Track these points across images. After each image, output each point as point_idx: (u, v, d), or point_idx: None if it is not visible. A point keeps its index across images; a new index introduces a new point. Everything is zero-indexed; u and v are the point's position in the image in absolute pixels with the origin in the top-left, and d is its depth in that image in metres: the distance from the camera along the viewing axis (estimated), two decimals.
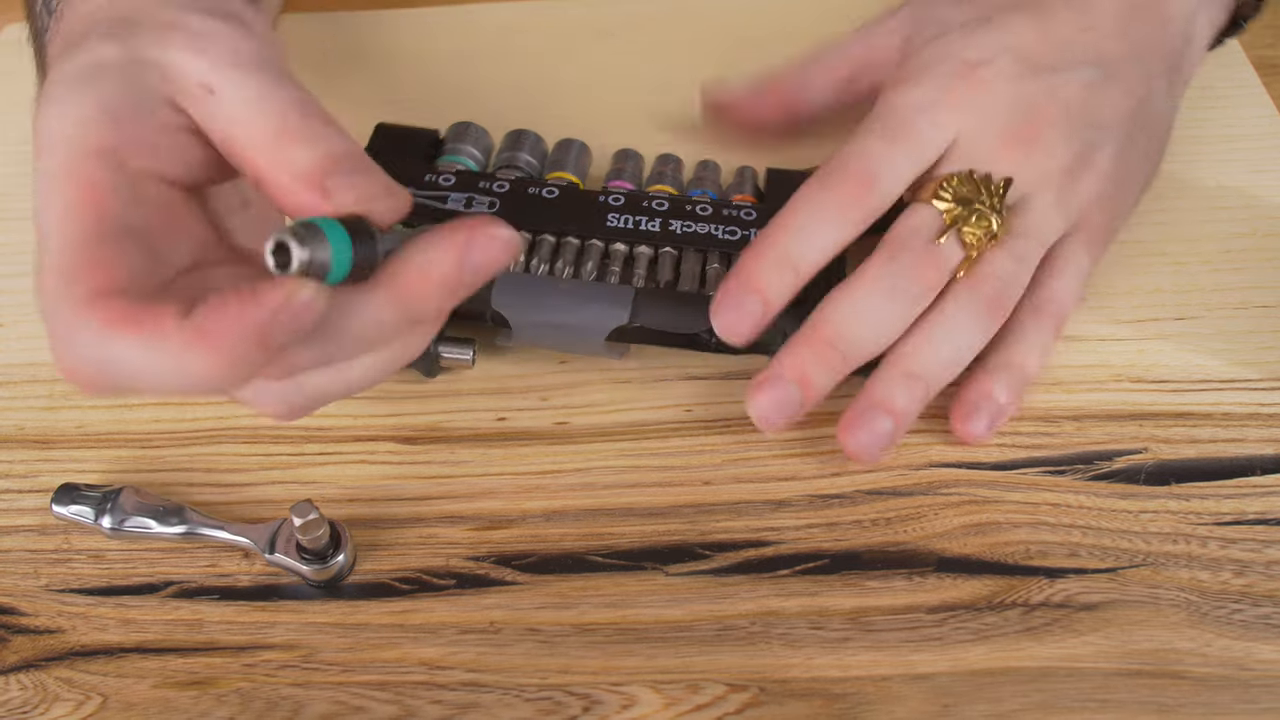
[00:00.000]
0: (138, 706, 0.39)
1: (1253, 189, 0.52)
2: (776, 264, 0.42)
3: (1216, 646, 0.39)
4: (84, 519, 0.42)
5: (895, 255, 0.42)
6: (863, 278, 0.42)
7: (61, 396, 0.47)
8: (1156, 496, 0.42)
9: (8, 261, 0.51)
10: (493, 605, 0.41)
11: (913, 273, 0.42)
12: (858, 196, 0.42)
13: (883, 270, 0.42)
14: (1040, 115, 0.43)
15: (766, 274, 0.42)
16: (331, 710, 0.38)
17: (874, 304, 0.41)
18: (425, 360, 0.43)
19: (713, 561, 0.41)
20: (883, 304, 0.41)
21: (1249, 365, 0.46)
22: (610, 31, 0.60)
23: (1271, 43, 0.58)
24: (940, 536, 0.42)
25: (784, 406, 0.41)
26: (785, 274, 0.42)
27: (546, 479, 0.44)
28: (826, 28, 0.59)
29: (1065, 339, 0.47)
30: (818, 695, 0.38)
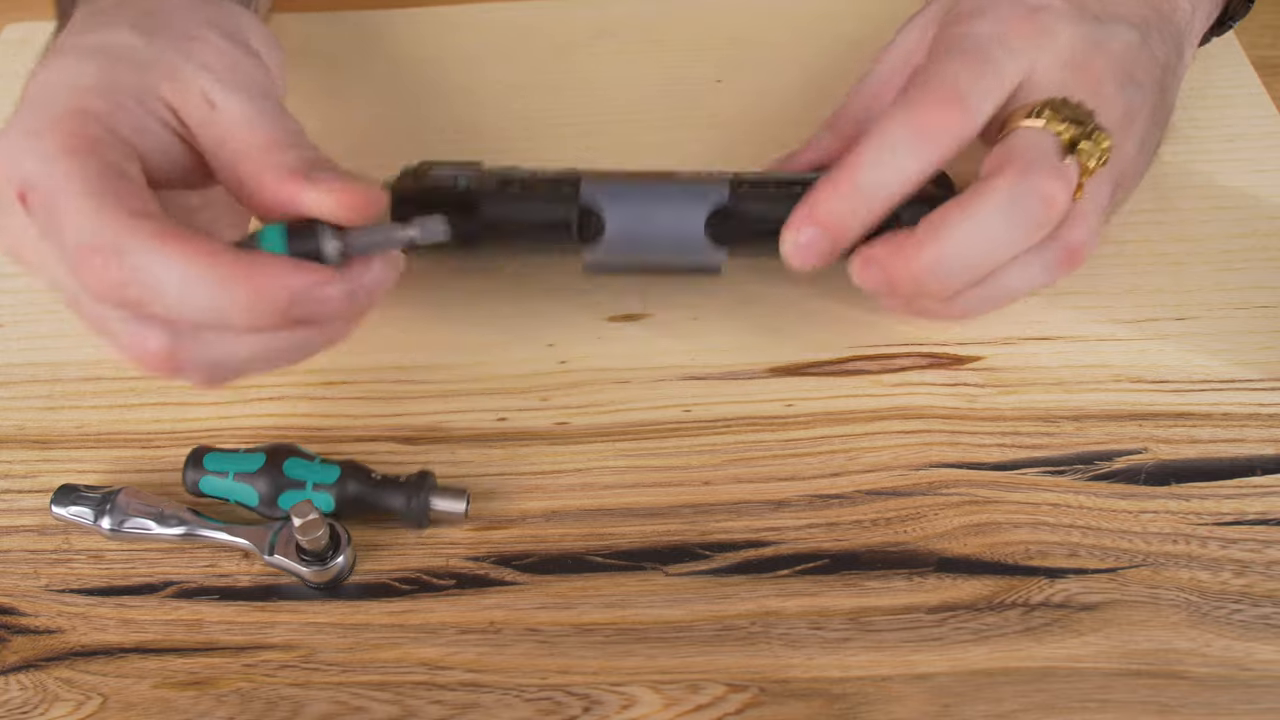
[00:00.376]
0: (138, 706, 0.39)
1: (1253, 189, 0.51)
2: (848, 195, 0.39)
3: (1216, 646, 0.39)
4: (83, 520, 0.42)
5: (1023, 179, 0.38)
6: (983, 198, 0.38)
7: (61, 396, 0.47)
8: (1156, 496, 0.42)
9: (8, 261, 0.51)
10: (493, 605, 0.41)
11: (1044, 197, 0.38)
12: (945, 119, 0.39)
13: (1009, 193, 0.38)
14: (1096, 63, 0.41)
15: (836, 205, 0.39)
16: (331, 710, 0.38)
17: (993, 230, 0.38)
18: (417, 513, 0.41)
19: (712, 561, 0.41)
20: (1002, 230, 0.38)
21: (1249, 365, 0.46)
22: (610, 31, 0.60)
23: (1271, 43, 0.58)
24: (940, 537, 0.42)
25: (872, 290, 0.40)
26: (857, 206, 0.39)
27: (546, 479, 0.44)
28: (827, 27, 0.59)
29: (1065, 339, 0.47)
30: (818, 695, 0.38)
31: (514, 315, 0.49)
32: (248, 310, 0.35)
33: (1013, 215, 0.38)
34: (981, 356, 0.46)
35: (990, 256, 0.39)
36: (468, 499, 0.42)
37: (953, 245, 0.38)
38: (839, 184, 0.40)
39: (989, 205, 0.38)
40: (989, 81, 0.40)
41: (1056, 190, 0.38)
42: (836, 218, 0.40)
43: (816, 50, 0.58)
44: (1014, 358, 0.46)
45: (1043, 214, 0.38)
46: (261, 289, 0.34)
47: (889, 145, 0.39)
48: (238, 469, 0.41)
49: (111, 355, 0.39)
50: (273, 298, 0.35)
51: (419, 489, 0.41)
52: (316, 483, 0.41)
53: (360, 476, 0.42)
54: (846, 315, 0.48)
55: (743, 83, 0.57)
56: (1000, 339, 0.47)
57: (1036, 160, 0.39)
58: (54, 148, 0.35)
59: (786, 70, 0.57)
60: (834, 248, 0.40)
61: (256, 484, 0.41)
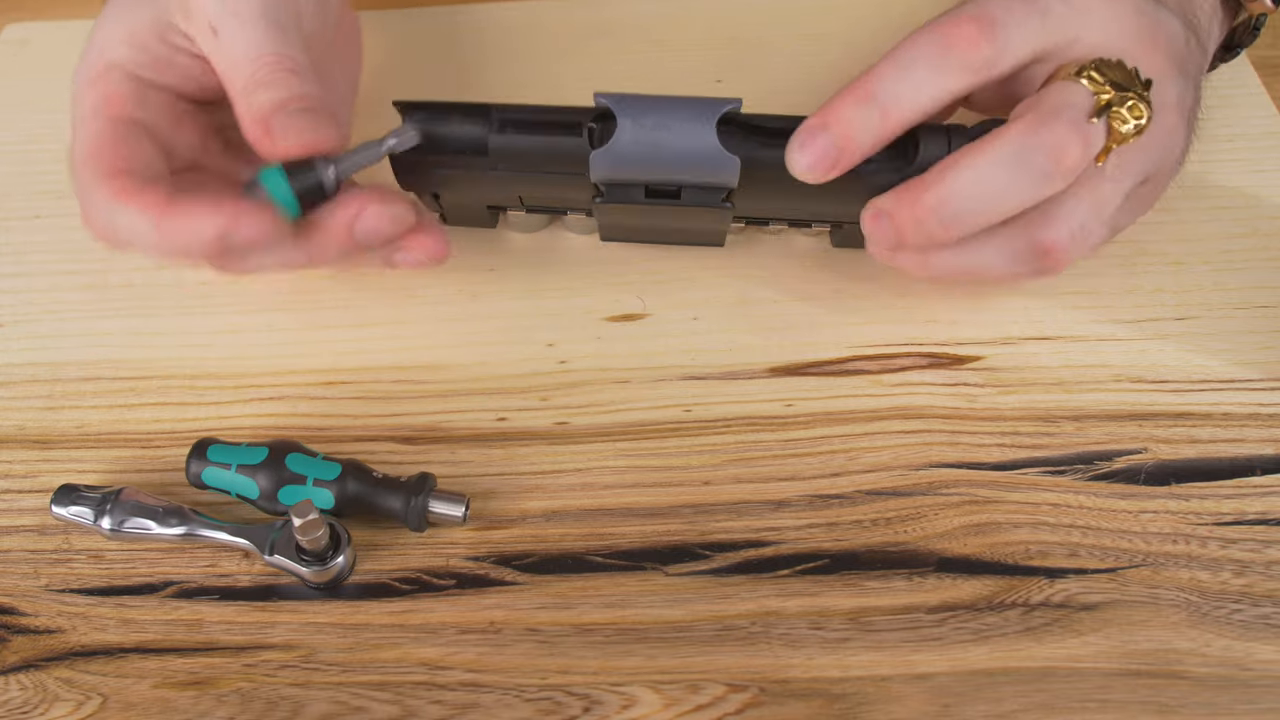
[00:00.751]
0: (138, 706, 0.39)
1: (1253, 189, 0.51)
2: (862, 101, 0.38)
3: (1216, 646, 0.39)
4: (83, 520, 0.42)
5: (1039, 127, 0.38)
6: (993, 143, 0.38)
7: (61, 396, 0.47)
8: (1156, 496, 0.42)
9: (8, 261, 0.51)
10: (493, 605, 0.41)
11: (1055, 149, 0.37)
12: (972, 39, 0.38)
13: (1020, 140, 0.37)
14: (1160, 42, 0.40)
15: (850, 111, 0.38)
16: (331, 710, 0.38)
17: (997, 175, 0.38)
18: (416, 516, 0.42)
19: (712, 561, 0.41)
20: (1007, 177, 0.38)
21: (1249, 365, 0.46)
22: (610, 31, 0.60)
23: (1271, 43, 0.58)
24: (940, 537, 0.42)
25: (878, 240, 0.40)
26: (870, 113, 0.38)
27: (547, 479, 0.44)
28: (827, 27, 0.59)
29: (1065, 339, 0.47)
30: (818, 695, 0.38)
31: (514, 315, 0.49)
32: (185, 246, 0.40)
33: (1019, 162, 0.37)
34: (981, 356, 0.46)
35: (996, 202, 0.38)
36: (467, 504, 0.42)
37: (959, 186, 0.38)
38: (855, 90, 0.39)
39: (999, 149, 0.38)
40: (1032, 22, 0.39)
41: (1071, 143, 0.37)
42: (846, 123, 0.39)
43: (817, 50, 0.58)
44: (1014, 358, 0.46)
45: (1050, 165, 0.38)
46: (186, 227, 0.39)
47: (909, 58, 0.38)
48: (240, 461, 0.42)
49: None
50: (200, 230, 0.39)
51: (418, 491, 0.41)
52: (317, 479, 0.41)
53: (361, 475, 0.42)
54: (846, 315, 0.48)
55: (743, 83, 0.57)
56: (1000, 339, 0.47)
57: (1058, 111, 0.38)
58: (88, 108, 0.42)
59: (786, 70, 0.57)
60: (840, 156, 0.39)
61: (258, 477, 0.41)
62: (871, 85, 0.38)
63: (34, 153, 0.56)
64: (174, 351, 0.48)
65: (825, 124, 0.39)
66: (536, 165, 0.43)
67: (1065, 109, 0.38)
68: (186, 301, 0.49)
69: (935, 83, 0.38)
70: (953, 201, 0.38)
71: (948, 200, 0.38)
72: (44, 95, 0.58)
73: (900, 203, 0.39)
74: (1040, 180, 0.38)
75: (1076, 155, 0.38)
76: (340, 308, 0.49)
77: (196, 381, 0.47)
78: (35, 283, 0.50)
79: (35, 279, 0.51)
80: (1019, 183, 0.38)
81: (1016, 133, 0.38)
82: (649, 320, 0.48)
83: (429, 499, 0.42)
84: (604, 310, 0.49)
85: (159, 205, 0.40)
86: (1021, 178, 0.38)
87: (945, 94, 0.39)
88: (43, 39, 0.62)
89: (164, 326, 0.49)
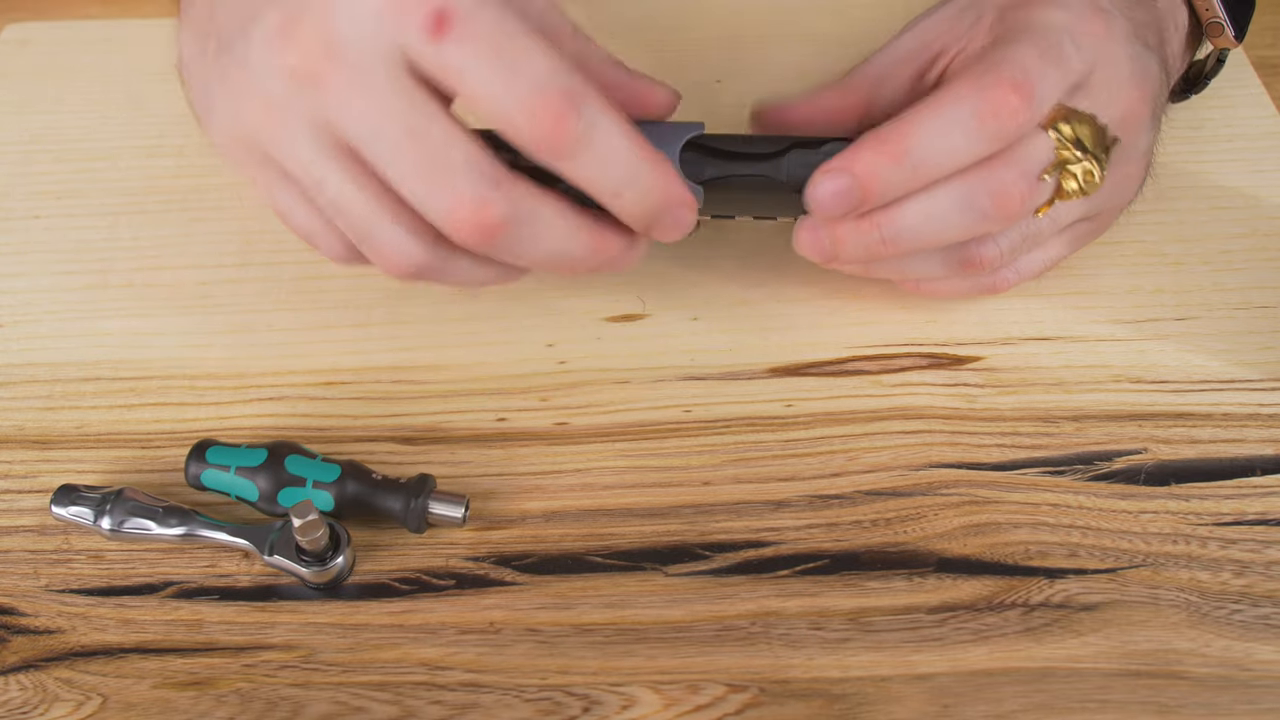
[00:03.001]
0: (138, 707, 0.39)
1: (1253, 189, 0.52)
2: (895, 159, 0.38)
3: (1216, 647, 0.39)
4: (83, 520, 0.42)
5: (992, 170, 0.39)
6: (954, 180, 0.39)
7: (61, 397, 0.47)
8: (1156, 497, 0.42)
9: (8, 261, 0.51)
10: (493, 605, 0.41)
11: (1000, 195, 0.39)
12: (1013, 107, 0.38)
13: (972, 180, 0.39)
14: (1146, 87, 0.41)
15: (880, 166, 0.38)
16: (331, 710, 0.38)
17: (945, 209, 0.40)
18: (415, 517, 0.41)
19: (712, 562, 0.41)
20: (954, 213, 0.40)
21: (1249, 365, 0.46)
22: (610, 31, 0.60)
23: (1271, 43, 0.58)
24: (940, 537, 0.42)
25: (812, 252, 0.42)
26: (901, 172, 0.38)
27: (546, 479, 0.44)
28: (826, 28, 0.59)
29: (1065, 339, 0.47)
30: (818, 695, 0.38)
31: (513, 315, 0.49)
32: (644, 200, 0.37)
33: (966, 200, 0.39)
34: (981, 356, 0.46)
35: (937, 234, 0.41)
36: (466, 505, 0.42)
37: (907, 211, 0.40)
38: (888, 144, 0.39)
39: (951, 185, 0.39)
40: (1058, 73, 0.39)
41: (1015, 193, 0.40)
42: (875, 176, 0.39)
43: (816, 50, 0.58)
44: (1014, 358, 0.46)
45: (992, 209, 0.40)
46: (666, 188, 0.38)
47: (949, 120, 0.38)
48: (240, 463, 0.42)
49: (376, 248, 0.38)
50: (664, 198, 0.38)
51: (418, 493, 0.41)
52: (317, 480, 0.41)
53: (361, 477, 0.42)
54: (846, 315, 0.48)
55: (743, 83, 0.57)
56: (1000, 339, 0.47)
57: (1015, 160, 0.40)
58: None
59: (786, 70, 0.57)
60: (862, 203, 0.39)
61: (257, 479, 0.41)
62: (907, 145, 0.38)
63: (34, 153, 0.56)
64: (174, 351, 0.48)
65: (854, 170, 0.39)
66: None
67: (1022, 159, 0.40)
68: (186, 301, 0.49)
69: (970, 150, 0.39)
70: (897, 222, 0.40)
71: (894, 220, 0.40)
72: (44, 95, 0.58)
73: (857, 154, 0.39)
74: (979, 220, 0.40)
75: (1017, 207, 0.40)
76: (340, 308, 0.49)
77: (196, 382, 0.47)
78: (35, 283, 0.50)
79: (35, 279, 0.51)
80: (962, 219, 0.40)
81: (971, 172, 0.39)
82: (649, 320, 0.48)
83: (429, 500, 0.42)
84: (604, 310, 0.49)
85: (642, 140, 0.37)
86: (966, 215, 0.40)
87: (977, 158, 0.39)
88: (43, 39, 0.62)
89: (164, 326, 0.49)
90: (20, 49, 0.61)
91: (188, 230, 0.52)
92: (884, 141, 0.39)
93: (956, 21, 0.43)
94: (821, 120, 0.44)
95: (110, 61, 0.60)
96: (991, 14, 0.42)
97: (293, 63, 0.35)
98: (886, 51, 0.45)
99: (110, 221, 0.53)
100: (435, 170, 0.35)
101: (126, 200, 0.53)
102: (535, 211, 0.37)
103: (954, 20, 0.44)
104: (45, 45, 0.61)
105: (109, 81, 0.59)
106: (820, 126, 0.43)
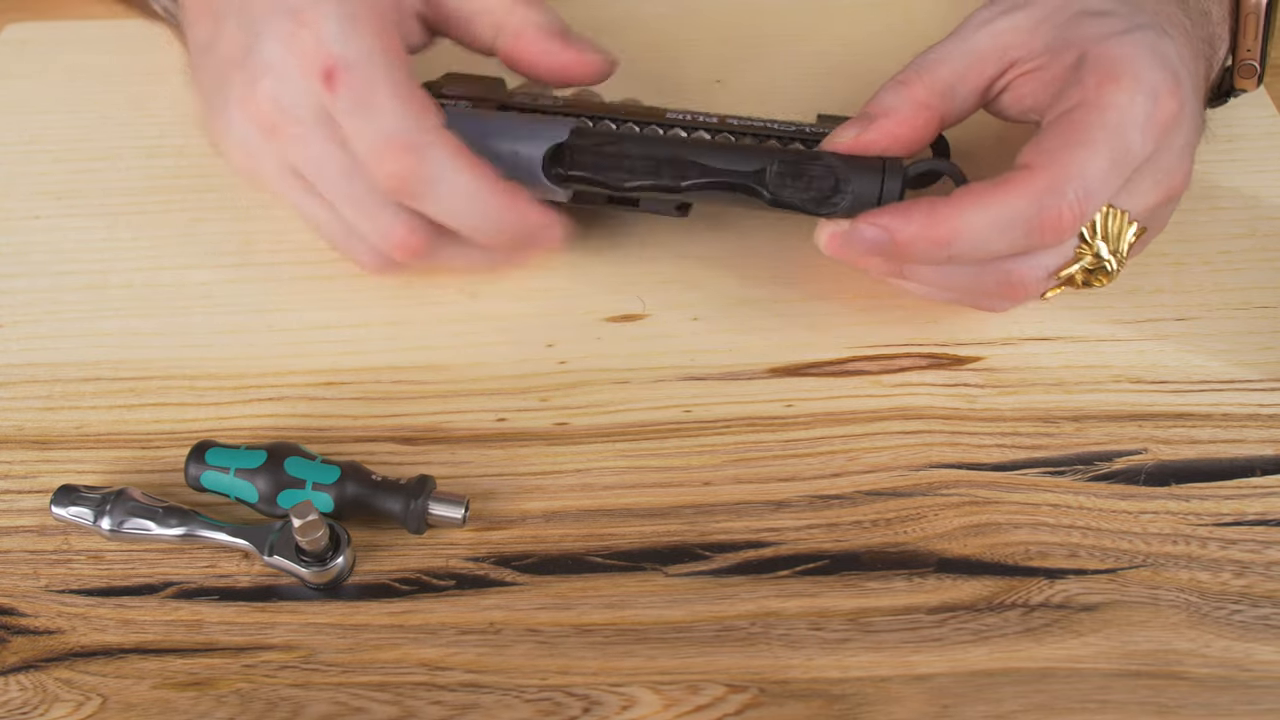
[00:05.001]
0: (137, 707, 0.39)
1: (1253, 189, 0.52)
2: (939, 243, 0.40)
3: (1216, 647, 0.39)
4: (83, 520, 0.42)
5: (1017, 264, 0.41)
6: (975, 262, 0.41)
7: (60, 397, 0.47)
8: (1156, 497, 0.42)
9: (8, 261, 0.51)
10: (492, 606, 0.41)
11: (1010, 286, 0.42)
12: (1065, 225, 0.40)
13: (993, 267, 0.41)
14: (1179, 176, 0.42)
15: (921, 243, 0.40)
16: (331, 711, 0.38)
17: (954, 278, 0.42)
18: (415, 518, 0.41)
19: (712, 562, 0.41)
20: (960, 279, 0.42)
21: (1249, 366, 0.46)
22: (610, 31, 0.60)
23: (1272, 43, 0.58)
24: (940, 537, 0.42)
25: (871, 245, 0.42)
26: (939, 254, 0.40)
27: (546, 479, 0.44)
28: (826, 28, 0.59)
29: (1065, 339, 0.47)
30: (818, 696, 0.38)
31: (513, 315, 0.49)
32: (499, 232, 0.43)
33: (978, 273, 0.42)
34: (981, 357, 0.46)
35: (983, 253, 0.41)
36: (466, 506, 0.42)
37: (960, 234, 0.40)
38: (937, 228, 0.40)
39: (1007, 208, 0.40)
40: (1118, 179, 0.40)
41: (1024, 288, 0.42)
42: (912, 248, 0.40)
43: (816, 50, 0.58)
44: (1014, 358, 0.46)
45: (997, 293, 0.43)
46: (518, 218, 0.43)
47: (1001, 223, 0.40)
48: (239, 465, 0.42)
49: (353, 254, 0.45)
50: (519, 226, 0.43)
51: (418, 494, 0.41)
52: (316, 482, 0.41)
53: (360, 478, 0.42)
54: (846, 315, 0.48)
55: (743, 83, 0.57)
56: (1000, 339, 0.47)
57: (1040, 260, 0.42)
58: (370, 35, 0.41)
59: (786, 70, 0.57)
60: (891, 260, 0.41)
61: (257, 481, 0.41)
62: (954, 236, 0.40)
63: (34, 153, 0.56)
64: (174, 352, 0.48)
65: (895, 235, 0.40)
66: None
67: (1044, 260, 0.42)
68: (186, 301, 0.49)
69: (1008, 250, 0.41)
70: (913, 275, 0.42)
71: (912, 272, 0.42)
72: (44, 95, 0.58)
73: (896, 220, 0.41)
74: (984, 298, 0.43)
75: (1023, 295, 0.43)
76: (340, 308, 0.49)
77: (196, 382, 0.47)
78: (35, 283, 0.50)
79: (35, 279, 0.51)
80: (968, 293, 0.43)
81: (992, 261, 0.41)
82: (649, 320, 0.48)
83: (428, 501, 0.42)
84: (604, 310, 0.49)
85: (497, 181, 0.42)
86: (972, 293, 0.43)
87: (1010, 255, 0.41)
88: (43, 39, 0.62)
89: (164, 326, 0.49)
90: (20, 49, 0.61)
91: (188, 230, 0.52)
92: (934, 224, 0.40)
93: (1032, 35, 0.43)
94: (909, 143, 0.43)
95: (110, 61, 0.60)
96: (1073, 52, 0.42)
97: (257, 118, 0.42)
98: (956, 50, 0.43)
99: (110, 221, 0.53)
100: (364, 204, 0.43)
101: (126, 200, 0.53)
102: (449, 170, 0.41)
103: (1030, 33, 0.43)
104: (45, 45, 0.61)
105: (109, 81, 0.59)
106: (905, 149, 0.43)
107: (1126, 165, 0.40)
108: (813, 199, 0.43)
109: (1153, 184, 0.42)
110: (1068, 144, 0.40)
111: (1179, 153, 0.42)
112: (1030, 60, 0.42)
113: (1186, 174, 0.42)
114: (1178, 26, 0.43)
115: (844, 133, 0.43)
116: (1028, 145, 0.41)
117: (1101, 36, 0.41)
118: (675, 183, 0.44)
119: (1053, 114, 0.41)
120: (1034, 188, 0.39)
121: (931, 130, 0.43)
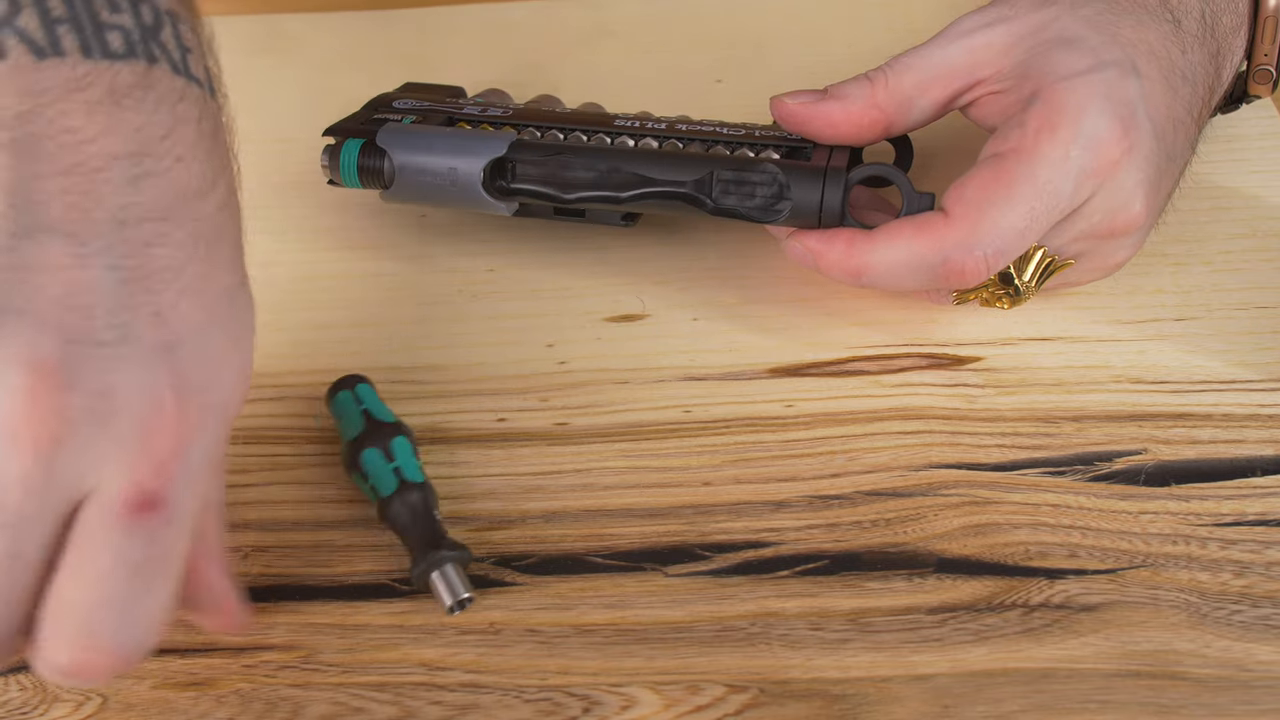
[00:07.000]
0: (137, 707, 0.39)
1: (1253, 189, 0.52)
2: (854, 273, 0.43)
3: (1216, 647, 0.39)
4: None
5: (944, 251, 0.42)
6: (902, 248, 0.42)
7: None
8: (1156, 497, 0.42)
9: None
10: (492, 606, 0.41)
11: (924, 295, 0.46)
12: (975, 274, 0.42)
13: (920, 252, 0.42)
14: (1147, 200, 0.43)
15: (838, 269, 0.43)
16: (331, 711, 0.38)
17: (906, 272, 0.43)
18: (417, 580, 0.40)
19: (712, 562, 0.41)
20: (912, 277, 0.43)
21: (1249, 366, 0.46)
22: (610, 31, 0.60)
23: None
24: (940, 537, 0.42)
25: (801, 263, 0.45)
26: (854, 282, 0.44)
27: (546, 479, 0.44)
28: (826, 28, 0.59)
29: (1065, 339, 0.47)
30: (818, 696, 0.38)
31: (513, 315, 0.49)
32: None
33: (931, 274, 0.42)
34: (981, 357, 0.46)
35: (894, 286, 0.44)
36: (463, 602, 0.40)
37: (874, 270, 0.43)
38: (853, 259, 0.43)
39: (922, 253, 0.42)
40: (1035, 234, 0.41)
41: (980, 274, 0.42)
42: (831, 271, 0.43)
43: (816, 51, 0.58)
44: (1014, 358, 0.46)
45: (948, 283, 0.43)
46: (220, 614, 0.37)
47: (915, 265, 0.42)
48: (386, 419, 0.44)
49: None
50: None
51: (431, 559, 0.40)
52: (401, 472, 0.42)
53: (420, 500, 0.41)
54: (846, 315, 0.48)
55: (743, 83, 0.57)
56: (1000, 339, 0.47)
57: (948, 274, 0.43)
58: None
59: (786, 70, 0.57)
60: (816, 273, 0.44)
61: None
62: (868, 270, 0.43)
63: None
64: None
65: (819, 255, 0.43)
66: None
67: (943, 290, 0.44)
68: None
69: (913, 286, 0.44)
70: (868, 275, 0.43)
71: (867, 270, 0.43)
72: None
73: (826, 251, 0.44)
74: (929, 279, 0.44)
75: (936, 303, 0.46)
76: (340, 308, 0.49)
77: None
78: None
79: None
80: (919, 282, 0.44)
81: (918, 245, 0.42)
82: (649, 320, 0.48)
83: (430, 572, 0.40)
84: (604, 310, 0.49)
85: None
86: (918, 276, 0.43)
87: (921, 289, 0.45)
88: None
89: None
90: None
91: None
92: (851, 256, 0.43)
93: (1005, 55, 0.43)
94: (845, 134, 0.45)
95: None
96: (1030, 86, 0.42)
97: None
98: (928, 61, 0.44)
99: None
100: None
101: None
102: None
103: (1003, 53, 0.43)
104: None
105: None
106: (839, 137, 0.45)
107: (1050, 216, 0.41)
108: (756, 207, 0.44)
109: (1091, 224, 0.42)
110: (989, 198, 0.41)
111: (1130, 190, 0.42)
112: (996, 81, 0.43)
113: (1146, 208, 0.42)
114: (1154, 58, 0.42)
115: (796, 95, 0.45)
116: (955, 185, 0.42)
117: (1059, 76, 0.41)
118: (617, 194, 0.45)
119: (990, 149, 0.42)
120: (947, 240, 0.41)
121: (875, 133, 0.44)
